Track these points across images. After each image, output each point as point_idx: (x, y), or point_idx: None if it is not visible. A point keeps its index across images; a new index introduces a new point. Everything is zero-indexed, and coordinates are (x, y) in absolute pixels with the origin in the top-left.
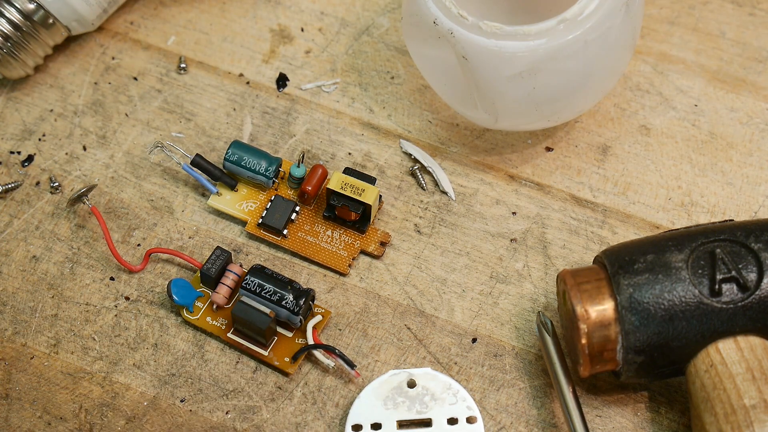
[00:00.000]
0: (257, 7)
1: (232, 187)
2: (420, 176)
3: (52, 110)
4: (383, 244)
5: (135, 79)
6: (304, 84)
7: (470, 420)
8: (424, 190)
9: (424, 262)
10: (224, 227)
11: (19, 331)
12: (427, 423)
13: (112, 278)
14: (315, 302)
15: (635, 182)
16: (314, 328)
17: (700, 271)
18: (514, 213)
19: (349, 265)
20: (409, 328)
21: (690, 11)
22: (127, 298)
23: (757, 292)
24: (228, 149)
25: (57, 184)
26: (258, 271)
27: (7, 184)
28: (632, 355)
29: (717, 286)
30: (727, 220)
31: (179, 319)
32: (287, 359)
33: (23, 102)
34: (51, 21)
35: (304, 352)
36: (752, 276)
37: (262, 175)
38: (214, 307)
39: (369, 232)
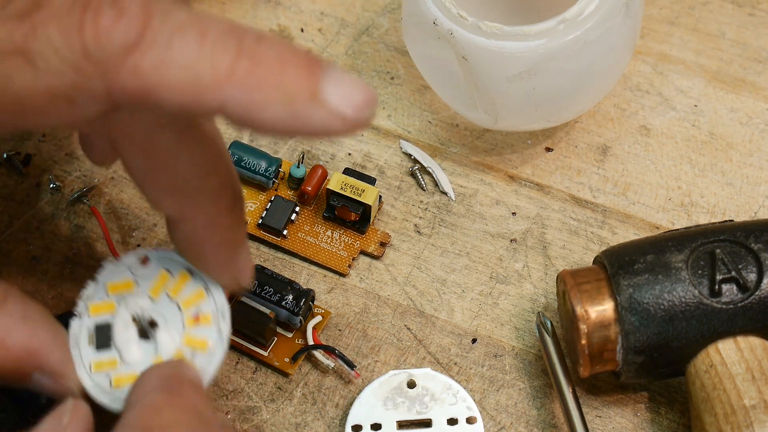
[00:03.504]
0: (257, 8)
1: None
2: (420, 177)
3: None
4: (383, 244)
5: None
6: None
7: (470, 420)
8: (424, 190)
9: (423, 263)
10: None
11: None
12: (426, 423)
13: None
14: (315, 303)
15: (635, 182)
16: (314, 328)
17: (700, 272)
18: (514, 213)
19: (349, 266)
20: (409, 329)
21: (690, 11)
22: None
23: (757, 293)
24: (227, 149)
25: (57, 184)
26: (258, 271)
27: None
28: (632, 355)
29: (717, 287)
30: (727, 221)
31: None
32: (287, 360)
33: None
34: None
35: (304, 353)
36: (752, 276)
37: (261, 176)
38: None
39: (369, 232)
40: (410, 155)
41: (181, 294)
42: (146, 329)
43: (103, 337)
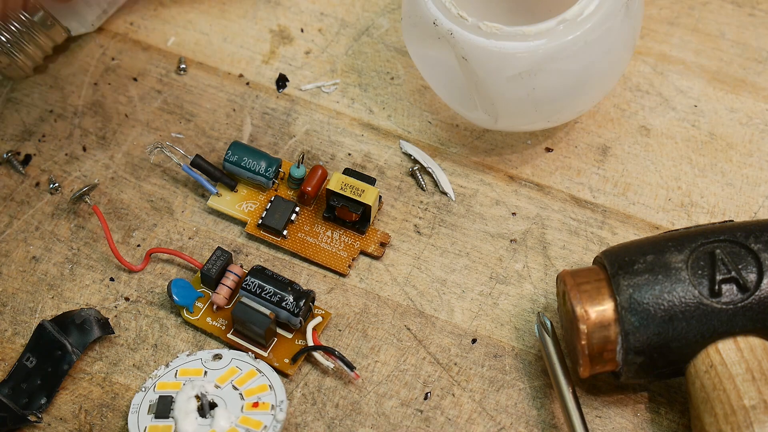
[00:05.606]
0: (257, 8)
1: (232, 188)
2: (420, 177)
3: (51, 111)
4: (383, 244)
5: (135, 79)
6: (304, 85)
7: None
8: (423, 190)
9: (423, 263)
10: (224, 228)
11: (19, 331)
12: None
13: (111, 279)
14: (315, 303)
15: (635, 183)
16: (314, 329)
17: (699, 272)
18: (513, 213)
19: (349, 266)
20: (408, 329)
21: (690, 12)
22: (126, 299)
23: (756, 293)
24: (228, 150)
25: (56, 184)
26: (258, 272)
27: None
28: (632, 355)
29: (717, 287)
30: (726, 221)
31: (179, 320)
32: (287, 360)
33: (23, 102)
34: (50, 22)
35: (304, 354)
36: (752, 276)
37: (261, 176)
38: (215, 307)
39: (369, 232)
40: (410, 155)
41: (246, 385)
42: (205, 408)
43: (164, 407)
